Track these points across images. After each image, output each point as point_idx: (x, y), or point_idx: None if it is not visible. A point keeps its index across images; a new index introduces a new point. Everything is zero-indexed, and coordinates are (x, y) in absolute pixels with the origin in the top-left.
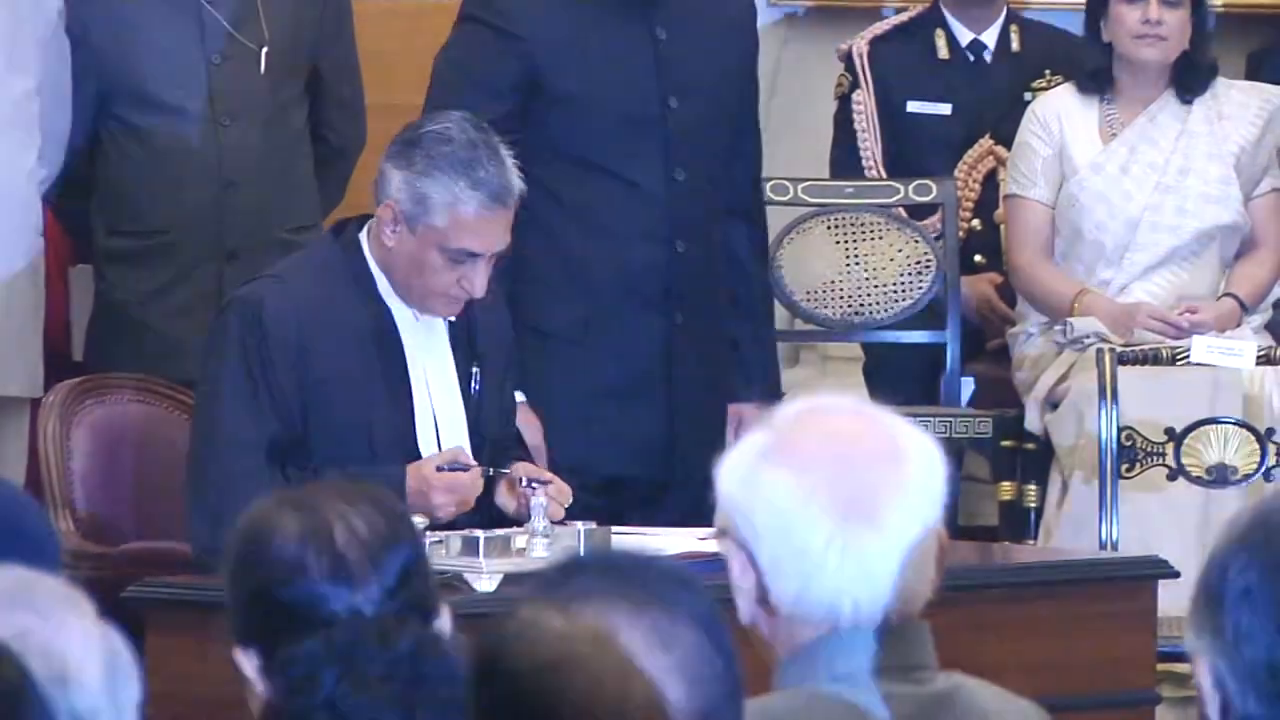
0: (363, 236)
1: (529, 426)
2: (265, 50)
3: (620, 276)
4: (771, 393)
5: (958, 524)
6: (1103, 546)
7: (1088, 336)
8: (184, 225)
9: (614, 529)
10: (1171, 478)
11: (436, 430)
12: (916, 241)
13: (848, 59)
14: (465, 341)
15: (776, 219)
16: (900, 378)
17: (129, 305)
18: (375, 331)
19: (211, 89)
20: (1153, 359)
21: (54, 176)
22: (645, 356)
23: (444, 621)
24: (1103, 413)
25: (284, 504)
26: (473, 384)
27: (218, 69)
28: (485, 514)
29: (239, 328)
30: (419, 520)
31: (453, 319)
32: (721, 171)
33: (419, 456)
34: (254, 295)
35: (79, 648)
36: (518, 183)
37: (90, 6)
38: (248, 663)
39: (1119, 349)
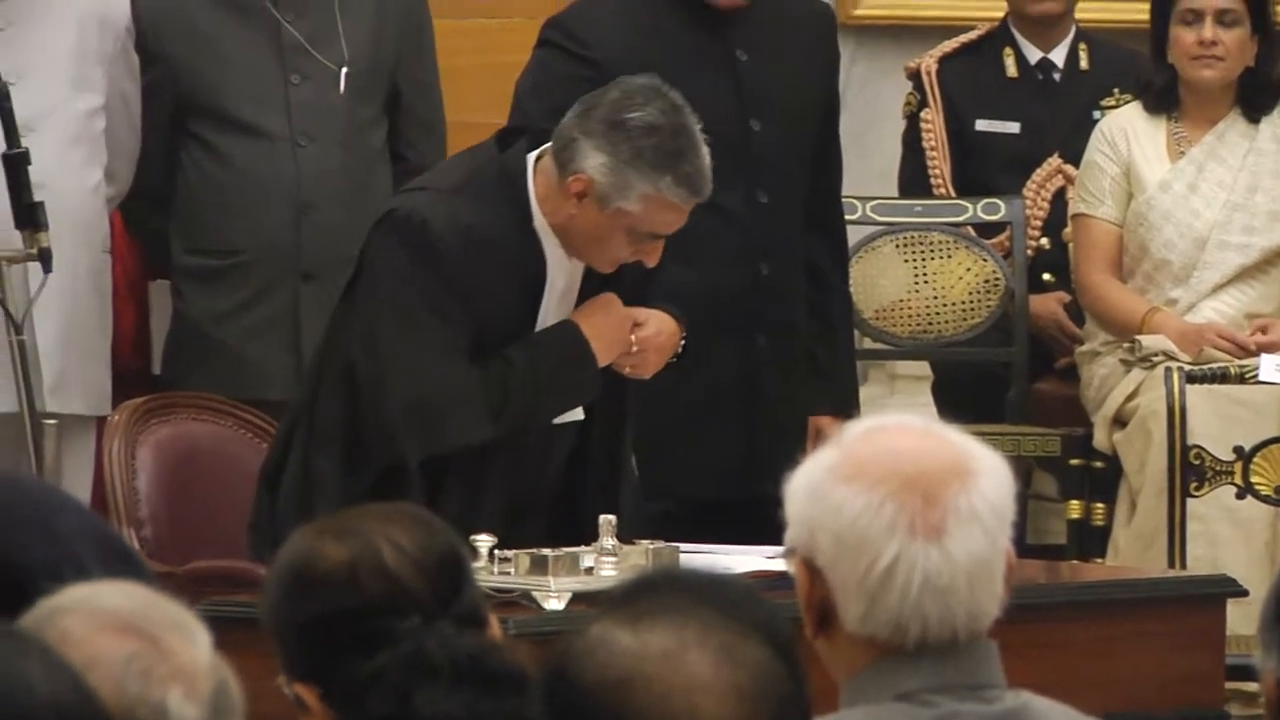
0: (530, 161)
1: None
2: (344, 70)
3: (705, 300)
4: (851, 404)
5: (1026, 542)
6: (1171, 565)
7: (1156, 355)
8: (261, 245)
9: (682, 547)
10: (1240, 496)
11: None
12: (985, 260)
13: (916, 77)
14: (600, 282)
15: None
16: (968, 396)
17: (205, 324)
18: (527, 270)
19: (290, 108)
20: (1221, 377)
21: (124, 193)
22: (729, 379)
23: (494, 630)
24: (1171, 431)
25: (324, 534)
26: None
27: (296, 88)
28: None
29: (409, 246)
30: (485, 539)
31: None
32: (804, 190)
33: None
34: (415, 214)
35: (186, 679)
36: (710, 170)
37: (168, 22)
38: (308, 694)
39: (1187, 367)
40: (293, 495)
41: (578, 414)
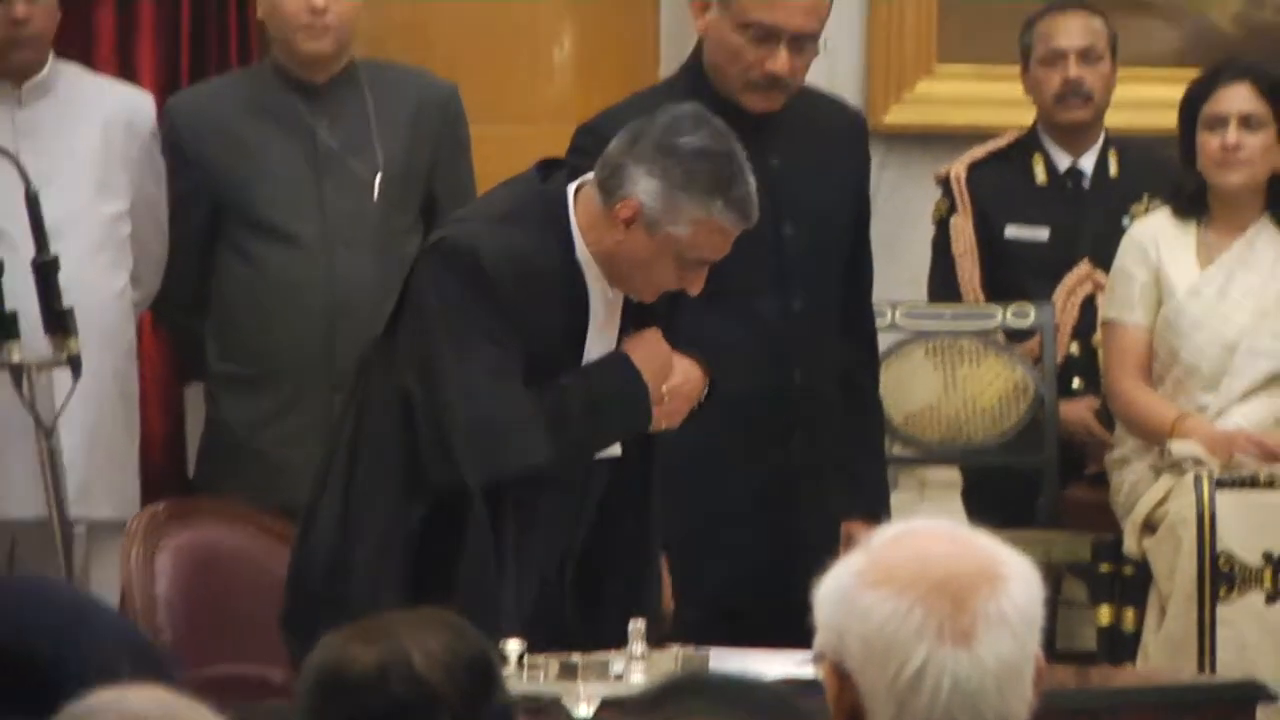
0: (570, 192)
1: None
2: (379, 177)
3: (739, 406)
4: (883, 509)
5: (1055, 648)
6: (1201, 670)
7: (1186, 461)
8: (295, 352)
9: (712, 651)
10: (1270, 601)
11: None
12: (1015, 366)
13: (945, 183)
14: (637, 315)
15: None
16: (999, 501)
17: (238, 430)
18: (572, 300)
19: (324, 215)
20: (1250, 483)
21: (151, 296)
22: (763, 485)
23: None
24: (1201, 537)
25: (353, 638)
26: None
27: (330, 196)
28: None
29: (459, 274)
30: (515, 644)
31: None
32: (836, 296)
33: None
34: (464, 243)
35: None
36: (756, 196)
37: (204, 128)
38: None
39: (1217, 474)
40: (332, 528)
41: (615, 450)
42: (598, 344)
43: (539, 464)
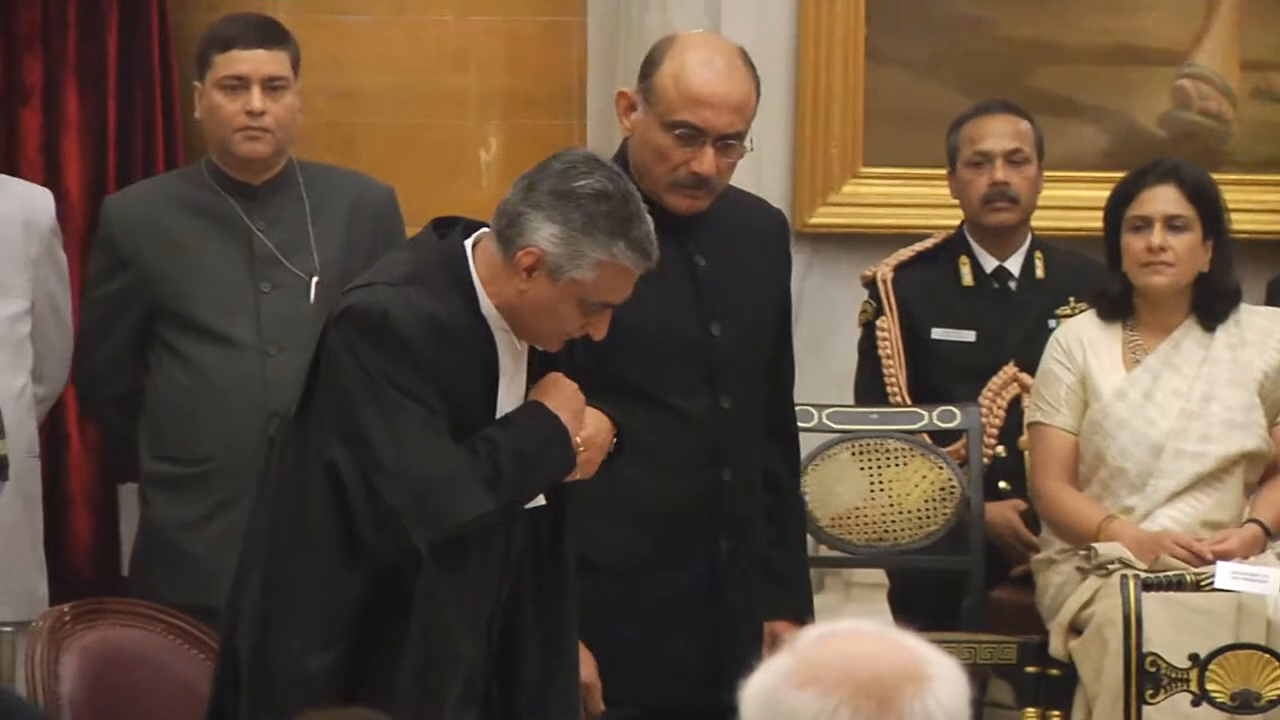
0: (468, 247)
1: (583, 663)
2: (315, 279)
3: (668, 505)
4: (806, 610)
5: None
6: None
7: (1112, 563)
8: (228, 454)
9: None
10: (1196, 704)
11: None
12: (941, 468)
13: (872, 285)
14: (541, 363)
15: (801, 445)
16: (925, 603)
17: (169, 531)
18: (481, 352)
19: (260, 318)
20: (1177, 585)
21: (55, 394)
22: (693, 584)
23: None
24: (1127, 638)
25: None
26: None
27: (267, 297)
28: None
29: (372, 336)
30: None
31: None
32: (762, 395)
33: None
34: (374, 305)
35: None
36: (655, 239)
37: (140, 228)
38: None
39: (1143, 575)
40: (254, 616)
41: (539, 499)
42: (509, 396)
43: (486, 513)
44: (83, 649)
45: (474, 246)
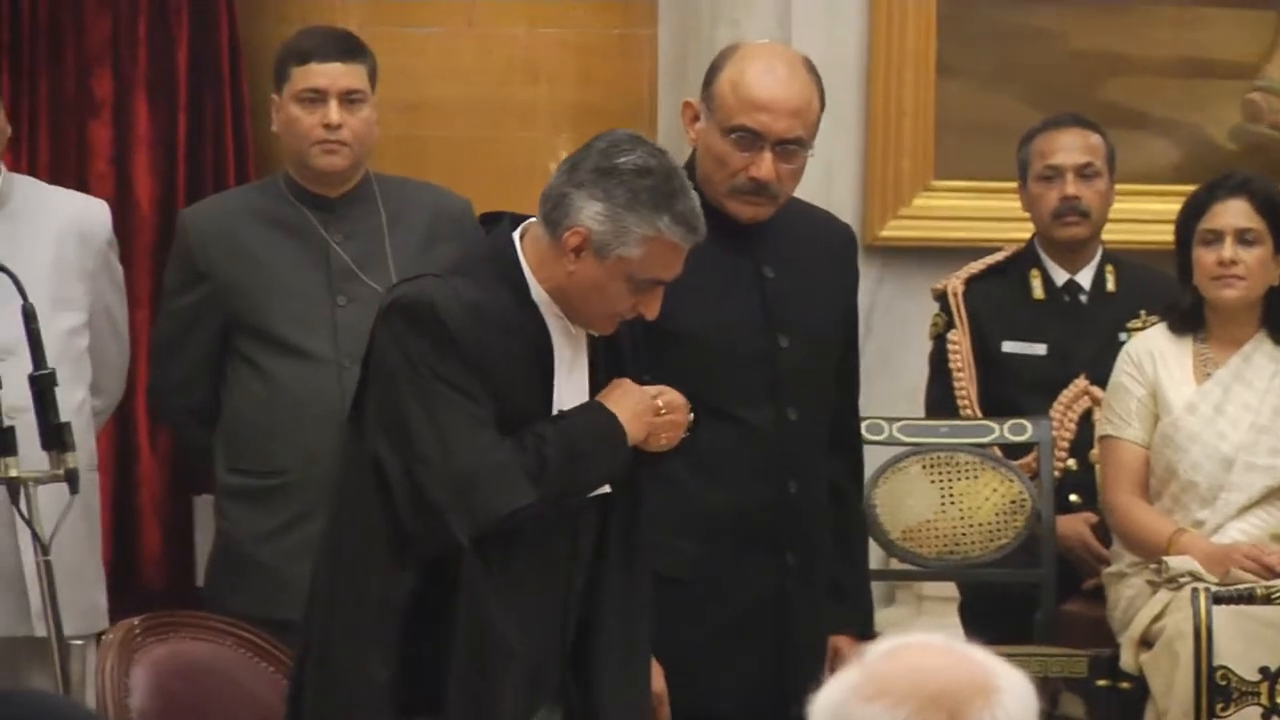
0: (516, 238)
1: (654, 675)
2: None
3: (734, 518)
4: (869, 624)
5: None
6: None
7: (1183, 576)
8: (304, 467)
9: None
10: (1266, 717)
11: None
12: (1012, 481)
13: (943, 299)
14: (605, 353)
15: (872, 458)
16: (996, 617)
17: (245, 544)
18: (534, 339)
19: (336, 331)
20: (1248, 598)
21: (113, 406)
22: (758, 597)
23: None
24: (1198, 652)
25: None
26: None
27: (343, 310)
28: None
29: (420, 327)
30: None
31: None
32: (828, 408)
33: None
34: (422, 295)
35: None
36: (701, 213)
37: (218, 241)
38: None
39: (1214, 588)
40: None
41: (604, 486)
42: (568, 384)
43: (525, 506)
44: (153, 662)
45: (522, 237)
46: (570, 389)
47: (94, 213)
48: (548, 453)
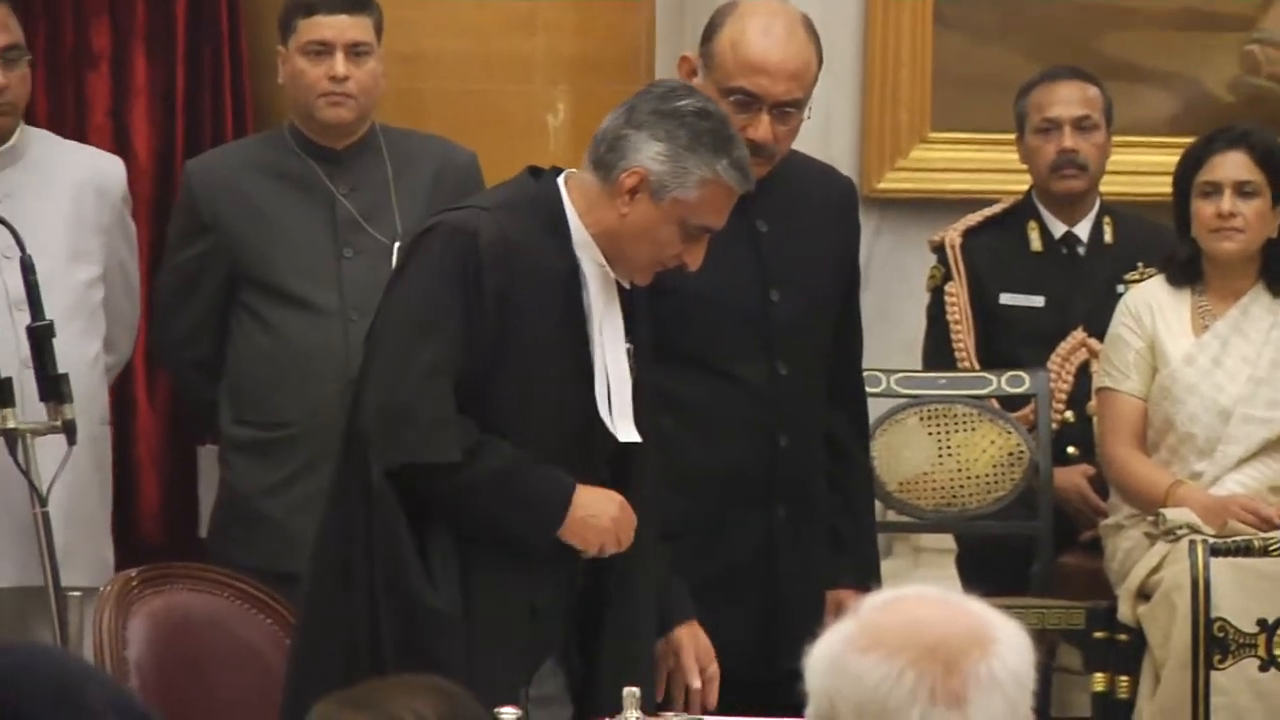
0: (560, 183)
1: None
2: (397, 244)
3: (725, 473)
4: (872, 577)
5: (1050, 715)
6: None
7: (1180, 528)
8: (309, 419)
9: None
10: (1263, 669)
11: (608, 386)
12: (1009, 433)
13: (940, 250)
14: (628, 313)
15: (869, 410)
16: (993, 569)
17: (250, 496)
18: (566, 282)
19: (342, 283)
20: (1245, 550)
21: (124, 361)
22: (747, 551)
23: None
24: (1195, 604)
25: (346, 704)
26: (630, 364)
27: (349, 263)
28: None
29: (455, 254)
30: (510, 712)
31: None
32: (824, 362)
33: (593, 411)
34: (470, 224)
35: None
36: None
37: (223, 193)
38: None
39: (1211, 541)
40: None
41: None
42: (608, 336)
43: (446, 465)
44: (150, 614)
45: (566, 184)
46: (610, 340)
47: (110, 169)
48: (491, 461)
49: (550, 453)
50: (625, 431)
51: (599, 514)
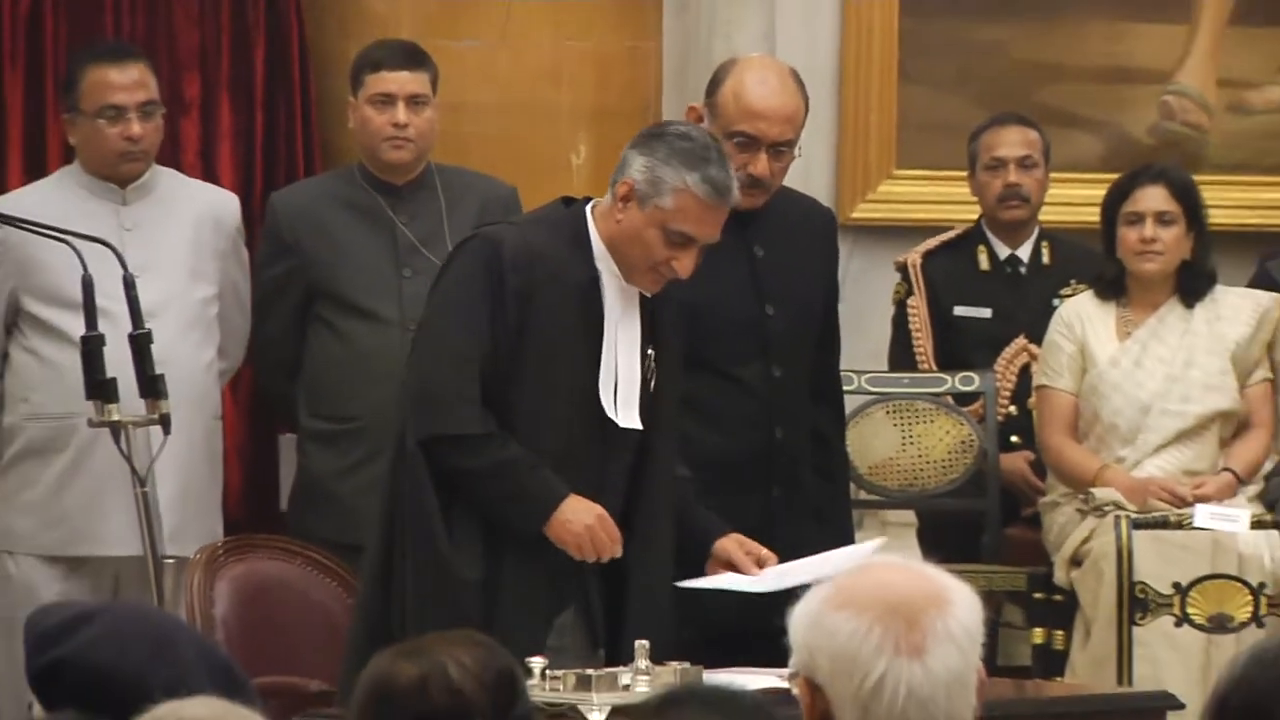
0: (588, 208)
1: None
2: None
3: (728, 459)
4: (849, 545)
5: (996, 664)
6: (1120, 683)
7: (1107, 505)
8: (372, 415)
9: (705, 669)
10: (1178, 625)
11: (616, 385)
12: (962, 424)
13: (903, 269)
14: (648, 325)
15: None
16: (948, 539)
17: (324, 478)
18: (585, 288)
19: (402, 299)
20: (1162, 524)
21: (235, 368)
22: (748, 526)
23: None
24: (1120, 570)
25: (400, 655)
26: (649, 368)
27: (408, 281)
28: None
29: (481, 259)
30: (538, 660)
31: (649, 295)
32: (810, 366)
33: (598, 406)
34: (496, 235)
35: None
36: (736, 185)
37: (302, 221)
38: None
39: (1134, 516)
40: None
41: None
42: (622, 338)
43: (467, 436)
44: (233, 578)
45: (592, 209)
46: (624, 341)
47: (227, 204)
48: (498, 454)
49: (566, 440)
50: (626, 419)
51: (575, 521)
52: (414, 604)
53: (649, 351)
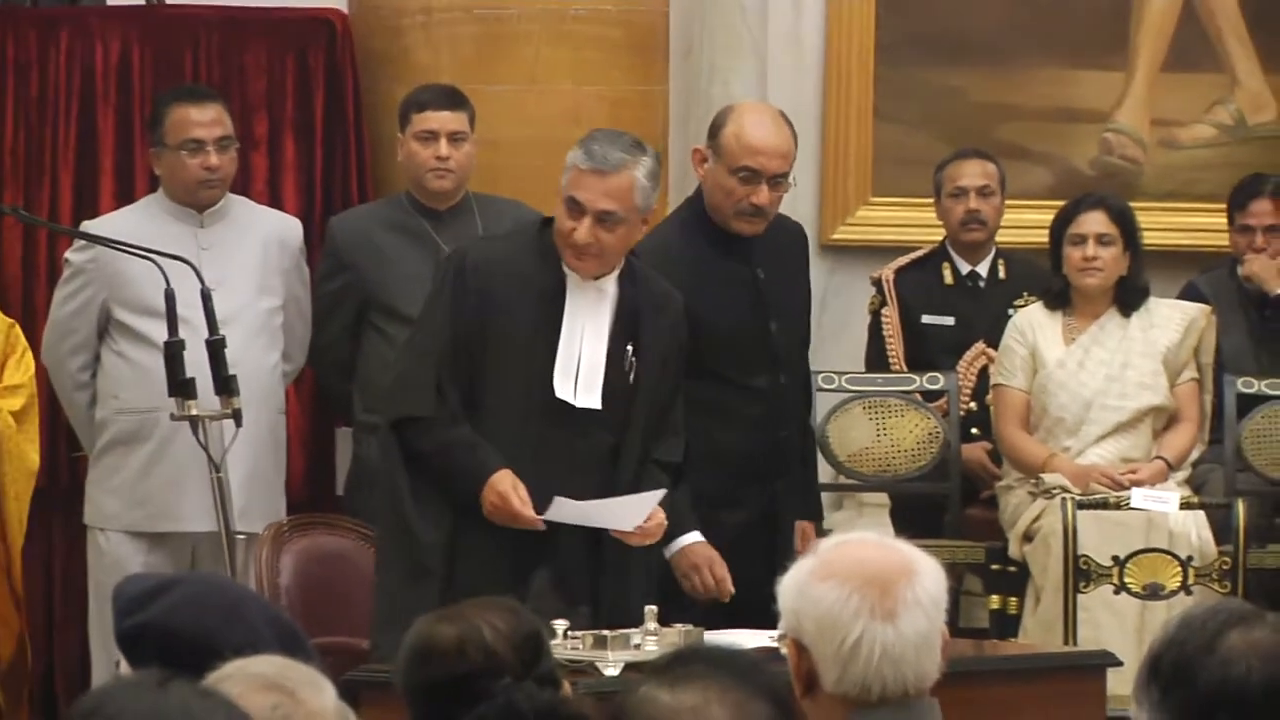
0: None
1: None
2: None
3: (741, 456)
4: (819, 513)
5: (958, 626)
6: (1066, 643)
7: (1054, 489)
8: None
9: (706, 630)
10: (1116, 593)
11: (578, 371)
12: (929, 418)
13: (878, 284)
14: (629, 324)
15: (825, 402)
16: (916, 518)
17: (375, 466)
18: (548, 289)
19: None
20: (1102, 505)
21: (298, 370)
22: (757, 513)
23: (566, 690)
24: (1066, 544)
25: (439, 619)
26: (628, 361)
27: None
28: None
29: (451, 268)
30: (561, 622)
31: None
32: (806, 370)
33: (550, 387)
34: (465, 248)
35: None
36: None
37: (356, 241)
38: None
39: (1078, 498)
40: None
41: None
42: (587, 329)
43: (422, 415)
44: (296, 551)
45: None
46: (591, 333)
47: (290, 227)
48: (443, 435)
49: (527, 421)
50: (585, 400)
51: (490, 492)
52: (380, 558)
53: (628, 348)
